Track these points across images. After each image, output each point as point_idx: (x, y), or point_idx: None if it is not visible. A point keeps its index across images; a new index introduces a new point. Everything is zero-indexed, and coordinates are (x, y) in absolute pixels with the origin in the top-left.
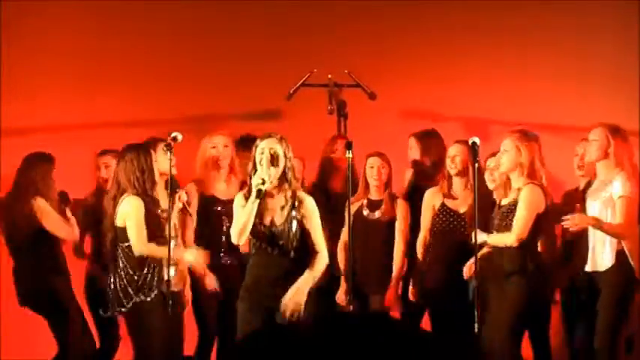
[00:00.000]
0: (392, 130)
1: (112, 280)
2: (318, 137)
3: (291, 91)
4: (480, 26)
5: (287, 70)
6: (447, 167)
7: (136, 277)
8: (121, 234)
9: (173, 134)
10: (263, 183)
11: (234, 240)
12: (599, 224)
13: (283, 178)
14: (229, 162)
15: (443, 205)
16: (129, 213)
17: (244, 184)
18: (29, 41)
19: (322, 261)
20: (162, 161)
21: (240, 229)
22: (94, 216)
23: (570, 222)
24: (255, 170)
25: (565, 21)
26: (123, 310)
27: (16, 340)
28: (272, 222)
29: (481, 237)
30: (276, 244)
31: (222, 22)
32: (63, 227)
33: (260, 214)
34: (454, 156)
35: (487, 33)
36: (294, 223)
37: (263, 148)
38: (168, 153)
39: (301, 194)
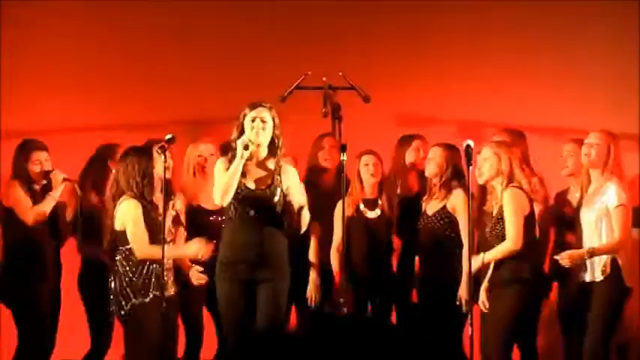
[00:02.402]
0: (386, 133)
1: (112, 284)
2: (312, 140)
3: (286, 94)
4: (475, 29)
5: (281, 72)
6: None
7: (134, 280)
8: (120, 237)
9: (167, 136)
10: (250, 143)
11: (217, 201)
12: (591, 254)
13: (272, 145)
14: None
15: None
16: (127, 217)
17: None
18: (28, 45)
19: (306, 216)
20: (157, 164)
21: (224, 189)
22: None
23: (563, 260)
24: (239, 136)
25: (563, 23)
26: (122, 312)
27: (16, 340)
28: (258, 186)
29: (477, 262)
30: (258, 207)
31: (216, 25)
32: (24, 209)
33: (244, 179)
34: (430, 159)
35: (482, 36)
36: (278, 190)
37: (254, 116)
38: (162, 156)
39: (285, 164)
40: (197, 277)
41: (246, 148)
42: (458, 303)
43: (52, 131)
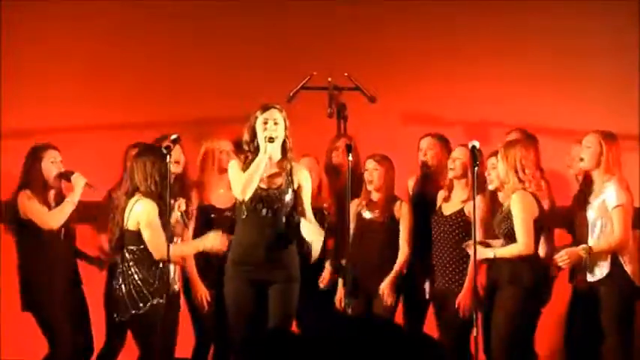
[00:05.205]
0: (392, 134)
1: (120, 283)
2: (318, 140)
3: (291, 94)
4: (481, 30)
5: (287, 73)
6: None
7: (150, 280)
8: (132, 237)
9: (173, 136)
10: (274, 138)
11: (238, 195)
12: (587, 251)
13: (283, 146)
14: None
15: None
16: (144, 219)
17: None
18: (30, 43)
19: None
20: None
21: (246, 183)
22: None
23: (561, 260)
24: (252, 138)
25: (566, 24)
26: (139, 312)
27: (16, 340)
28: (269, 185)
29: (487, 253)
30: (271, 207)
31: (222, 25)
32: (42, 216)
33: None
34: (455, 159)
35: (488, 36)
36: (290, 191)
37: (266, 118)
38: (168, 156)
39: (298, 165)
40: (202, 296)
41: (270, 141)
42: (457, 306)
43: (54, 131)
